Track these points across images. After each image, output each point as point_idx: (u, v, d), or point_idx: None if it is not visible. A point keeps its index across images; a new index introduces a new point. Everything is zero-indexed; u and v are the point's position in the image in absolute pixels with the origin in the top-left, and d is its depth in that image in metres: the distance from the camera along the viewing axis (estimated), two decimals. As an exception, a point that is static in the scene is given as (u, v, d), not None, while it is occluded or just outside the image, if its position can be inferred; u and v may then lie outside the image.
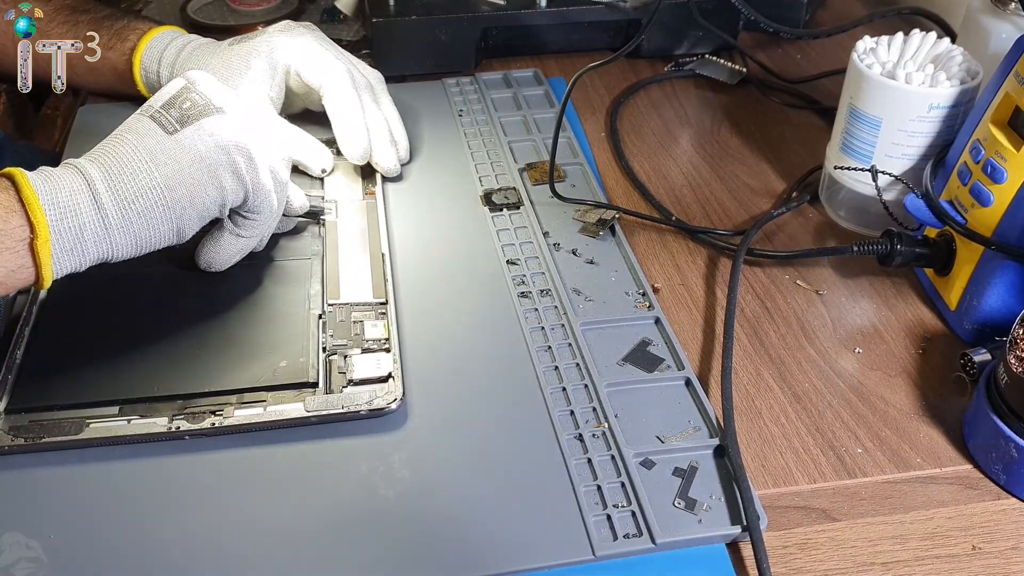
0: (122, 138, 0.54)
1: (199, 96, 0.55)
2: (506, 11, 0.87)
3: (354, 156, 0.70)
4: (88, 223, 0.51)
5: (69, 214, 0.50)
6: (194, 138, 0.54)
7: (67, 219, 0.50)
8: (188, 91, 0.55)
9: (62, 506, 0.49)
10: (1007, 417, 0.50)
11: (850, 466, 0.53)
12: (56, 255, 0.50)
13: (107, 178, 0.52)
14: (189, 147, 0.54)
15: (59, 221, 0.50)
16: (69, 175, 0.51)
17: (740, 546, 0.48)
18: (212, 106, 0.55)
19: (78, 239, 0.51)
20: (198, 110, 0.55)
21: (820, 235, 0.70)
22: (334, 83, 0.69)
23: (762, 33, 0.93)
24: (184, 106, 0.55)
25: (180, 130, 0.54)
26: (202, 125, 0.54)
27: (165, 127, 0.54)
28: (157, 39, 0.73)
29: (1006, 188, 0.56)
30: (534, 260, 0.65)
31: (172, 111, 0.54)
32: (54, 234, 0.50)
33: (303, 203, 0.65)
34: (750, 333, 0.61)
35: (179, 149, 0.53)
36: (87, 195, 0.51)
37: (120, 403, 0.53)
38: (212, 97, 0.55)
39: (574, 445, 0.52)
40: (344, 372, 0.55)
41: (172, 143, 0.53)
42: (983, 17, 0.72)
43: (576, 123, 0.83)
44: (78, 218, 0.51)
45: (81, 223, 0.51)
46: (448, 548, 0.47)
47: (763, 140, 0.81)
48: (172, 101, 0.55)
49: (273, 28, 0.71)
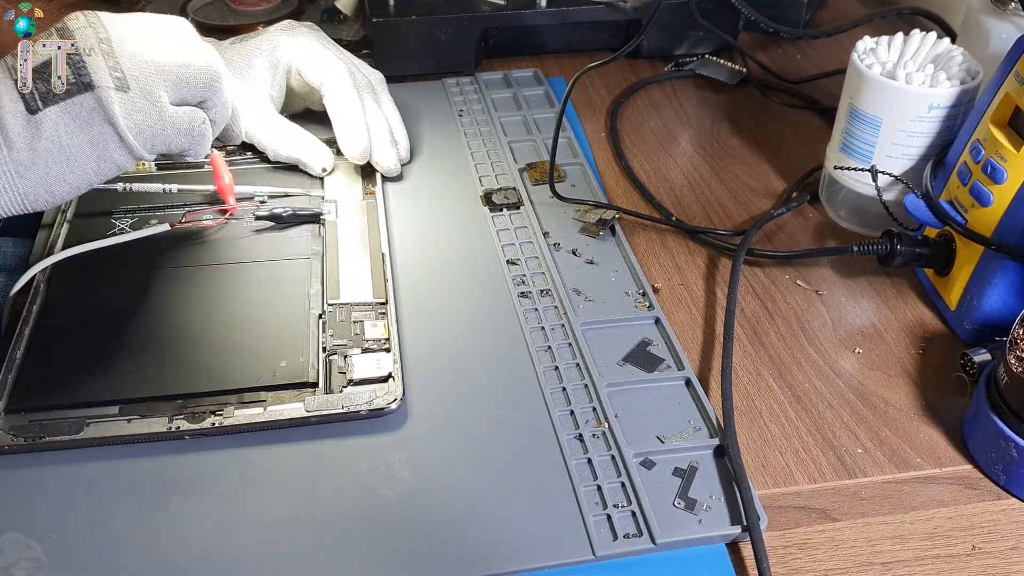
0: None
1: (71, 70, 0.49)
2: (506, 11, 0.87)
3: (354, 155, 0.70)
4: None
5: None
6: (56, 124, 0.49)
7: None
8: (62, 61, 0.49)
9: (62, 506, 0.49)
10: (1007, 417, 0.50)
11: (850, 466, 0.53)
12: None
13: None
14: (49, 133, 0.49)
15: None
16: None
17: (740, 546, 0.48)
18: (81, 83, 0.49)
19: None
20: (66, 89, 0.49)
21: (820, 235, 0.70)
22: (335, 82, 0.69)
23: (762, 33, 0.93)
24: (51, 80, 0.49)
25: (42, 110, 0.49)
26: (66, 108, 0.49)
27: (28, 103, 0.48)
28: None
29: (1006, 188, 0.56)
30: (534, 260, 0.65)
31: (39, 83, 0.49)
32: None
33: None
34: (750, 333, 0.61)
35: (37, 133, 0.48)
36: None
37: (120, 403, 0.53)
38: (83, 69, 0.49)
39: (574, 445, 0.52)
40: (344, 372, 0.55)
41: (31, 126, 0.48)
42: (983, 17, 0.72)
43: (576, 123, 0.83)
44: None
45: None
46: (448, 548, 0.47)
47: (763, 140, 0.81)
48: (42, 69, 0.49)
49: (275, 27, 0.71)
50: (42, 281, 0.60)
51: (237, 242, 0.65)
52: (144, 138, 0.52)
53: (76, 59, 0.50)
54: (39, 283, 0.60)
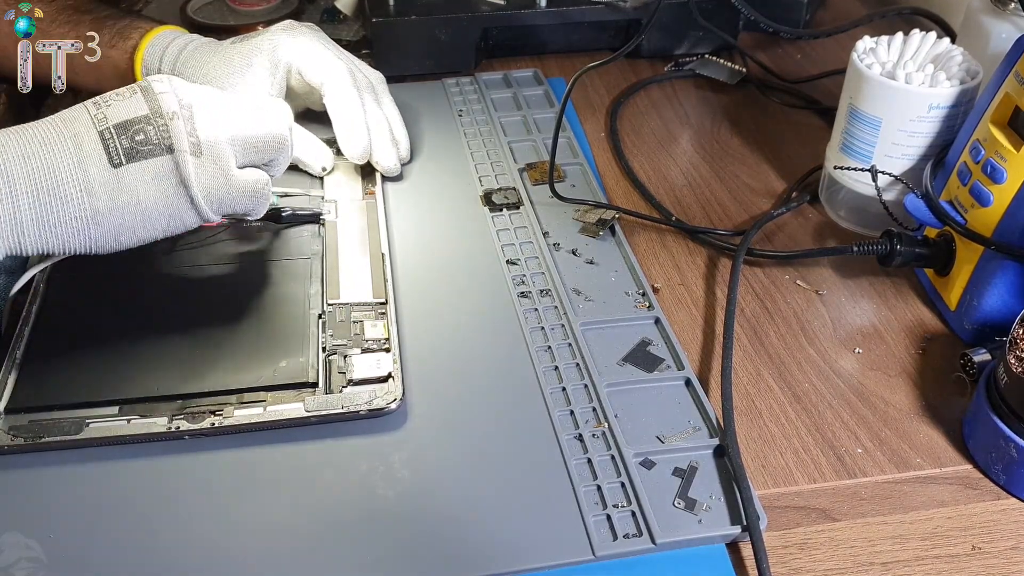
0: (64, 146, 0.50)
1: (155, 131, 0.52)
2: (506, 11, 0.87)
3: (354, 155, 0.70)
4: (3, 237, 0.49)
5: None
6: (136, 179, 0.51)
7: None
8: (147, 122, 0.52)
9: (62, 506, 0.49)
10: (1007, 417, 0.50)
11: (850, 466, 0.53)
12: None
13: (34, 194, 0.49)
14: (129, 187, 0.51)
15: None
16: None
17: (740, 546, 0.48)
18: (163, 145, 0.52)
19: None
20: (149, 148, 0.51)
21: (820, 235, 0.70)
22: (335, 82, 0.69)
23: (762, 33, 0.93)
24: (137, 138, 0.51)
25: (124, 165, 0.51)
26: (147, 167, 0.51)
27: (111, 156, 0.51)
28: (160, 38, 0.73)
29: (1006, 188, 0.56)
30: (534, 260, 0.65)
31: (123, 139, 0.51)
32: None
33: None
34: (750, 333, 0.61)
35: (118, 184, 0.51)
36: (8, 211, 0.49)
37: (120, 403, 0.53)
38: (165, 133, 0.52)
39: (574, 445, 0.52)
40: (344, 372, 0.55)
41: (113, 178, 0.51)
42: (983, 17, 0.72)
43: (576, 123, 0.83)
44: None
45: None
46: (448, 548, 0.47)
47: (763, 140, 0.81)
48: (127, 126, 0.51)
49: (275, 27, 0.71)
50: (42, 281, 0.60)
51: (237, 242, 0.65)
52: (212, 200, 0.54)
53: (161, 123, 0.52)
54: (39, 283, 0.60)
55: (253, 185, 0.56)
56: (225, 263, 0.63)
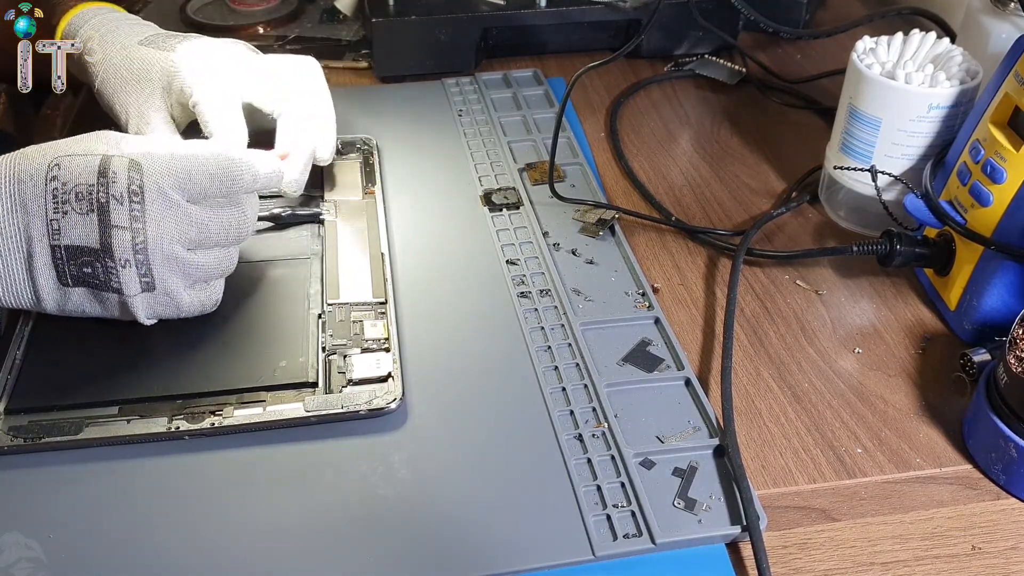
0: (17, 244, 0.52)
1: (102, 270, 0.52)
2: (506, 11, 0.87)
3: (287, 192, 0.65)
4: None
5: None
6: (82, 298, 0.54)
7: None
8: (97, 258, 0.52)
9: (62, 506, 0.49)
10: (1007, 417, 0.50)
11: (850, 466, 0.53)
12: None
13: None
14: (75, 303, 0.54)
15: None
16: None
17: (740, 546, 0.48)
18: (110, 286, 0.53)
19: None
20: (96, 283, 0.53)
21: (820, 235, 0.70)
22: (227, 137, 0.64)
23: (762, 33, 0.93)
24: (85, 270, 0.52)
25: (72, 287, 0.53)
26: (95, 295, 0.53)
27: (60, 276, 0.52)
28: (79, 16, 0.69)
29: (1006, 188, 0.56)
30: (534, 260, 0.65)
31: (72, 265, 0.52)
32: None
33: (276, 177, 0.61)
34: (750, 333, 0.61)
35: (65, 299, 0.54)
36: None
37: (119, 403, 0.53)
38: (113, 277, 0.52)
39: (574, 445, 0.52)
40: (344, 372, 0.55)
41: (60, 292, 0.53)
42: (983, 17, 0.72)
43: (576, 123, 0.83)
44: None
45: None
46: (448, 548, 0.47)
47: (763, 140, 0.81)
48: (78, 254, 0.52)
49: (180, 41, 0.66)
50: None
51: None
52: (160, 317, 0.56)
53: (111, 266, 0.52)
54: (39, 283, 0.60)
55: (200, 306, 0.57)
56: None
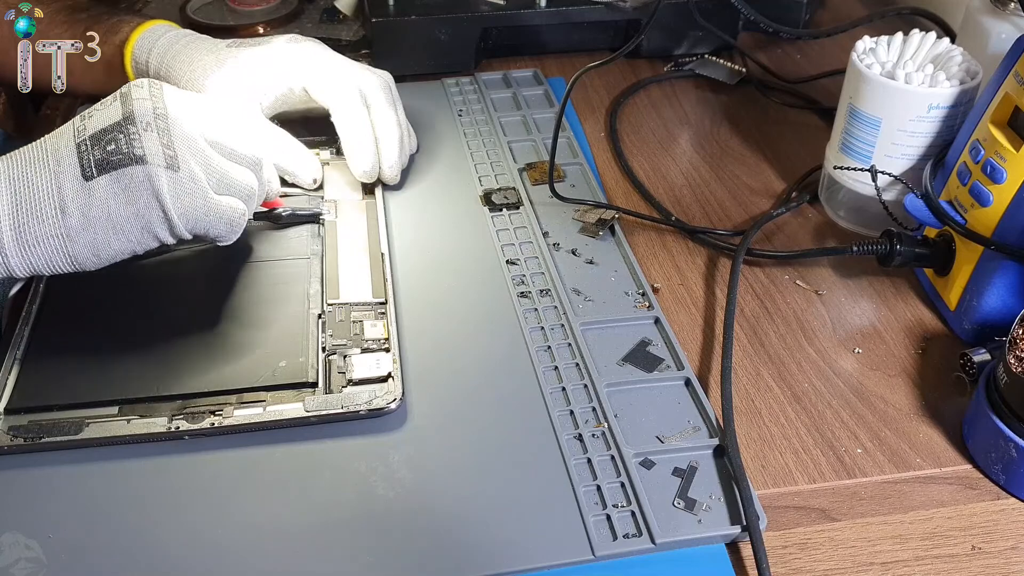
0: (45, 164, 0.51)
1: (125, 139, 0.51)
2: (506, 11, 0.87)
3: (361, 174, 0.69)
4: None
5: None
6: (106, 191, 0.51)
7: None
8: (118, 130, 0.51)
9: (61, 506, 0.49)
10: (1007, 417, 0.50)
11: (849, 466, 0.53)
12: None
13: (14, 213, 0.50)
14: (100, 200, 0.51)
15: None
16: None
17: (740, 546, 0.48)
18: (132, 155, 0.51)
19: None
20: (119, 157, 0.51)
21: (820, 235, 0.70)
22: (344, 101, 0.68)
23: (762, 33, 0.93)
24: (108, 147, 0.51)
25: (95, 177, 0.50)
26: (117, 178, 0.51)
27: (84, 168, 0.51)
28: (151, 31, 0.71)
29: (1006, 188, 0.56)
30: (534, 260, 0.65)
31: (96, 150, 0.51)
32: None
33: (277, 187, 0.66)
34: (750, 333, 0.61)
35: (90, 200, 0.51)
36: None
37: (119, 403, 0.53)
38: (136, 142, 0.51)
39: (574, 445, 0.52)
40: (344, 372, 0.55)
41: (84, 192, 0.50)
42: (983, 17, 0.72)
43: (576, 123, 0.83)
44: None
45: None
46: (448, 548, 0.47)
47: (763, 140, 0.81)
48: (101, 135, 0.51)
49: (280, 39, 0.70)
50: (42, 281, 0.60)
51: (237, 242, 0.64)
52: (187, 219, 0.53)
53: (132, 130, 0.51)
54: (39, 283, 0.60)
55: (230, 212, 0.55)
56: (225, 263, 0.63)
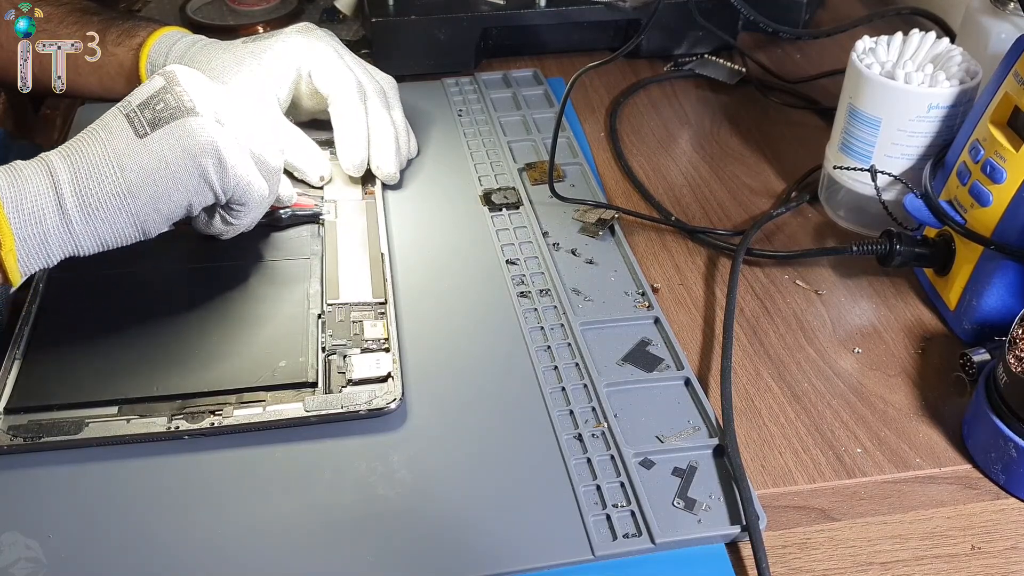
0: (95, 135, 0.53)
1: (173, 97, 0.54)
2: (506, 11, 0.87)
3: (350, 167, 0.70)
4: (52, 229, 0.51)
5: (33, 220, 0.50)
6: (162, 143, 0.53)
7: (31, 226, 0.50)
8: (164, 92, 0.55)
9: (61, 506, 0.49)
10: (1006, 417, 0.50)
11: (849, 466, 0.53)
12: (22, 260, 0.51)
13: (74, 180, 0.52)
14: (156, 152, 0.53)
15: (23, 228, 0.50)
16: (37, 176, 0.51)
17: (739, 546, 0.48)
18: (183, 108, 0.54)
19: (42, 244, 0.51)
20: (170, 112, 0.54)
21: (819, 235, 0.70)
22: (342, 92, 0.69)
23: (762, 33, 0.93)
24: (157, 107, 0.54)
25: (150, 133, 0.53)
26: (171, 130, 0.53)
27: (136, 129, 0.53)
28: (167, 36, 0.72)
29: (1005, 188, 0.56)
30: (533, 260, 0.65)
31: (146, 112, 0.54)
32: (19, 241, 0.50)
33: (290, 194, 0.67)
34: (749, 333, 0.61)
35: (147, 154, 0.53)
36: (52, 199, 0.51)
37: (119, 403, 0.53)
38: (184, 97, 0.54)
39: (573, 445, 0.52)
40: (343, 372, 0.55)
41: (140, 147, 0.53)
42: (982, 17, 0.72)
43: (576, 123, 0.83)
44: (42, 224, 0.51)
45: (45, 229, 0.51)
46: (447, 548, 0.47)
47: (763, 140, 0.81)
48: (148, 101, 0.54)
49: (291, 28, 0.71)
50: (42, 281, 0.60)
51: (237, 242, 0.65)
52: (235, 173, 0.56)
53: (179, 90, 0.55)
54: (39, 283, 0.60)
55: (259, 185, 0.58)
56: (225, 263, 0.63)
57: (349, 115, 0.69)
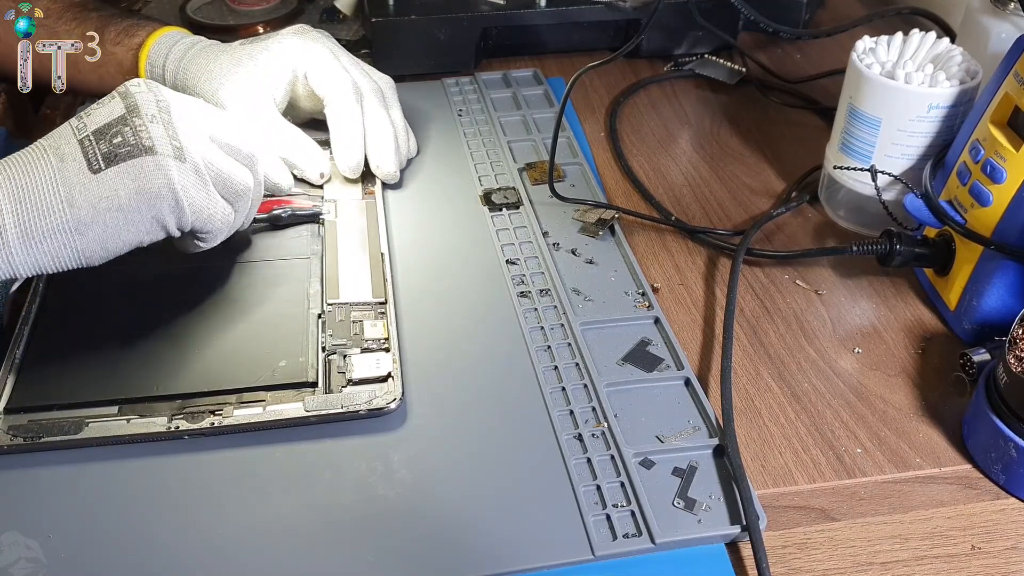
0: (46, 159, 0.51)
1: (131, 131, 0.51)
2: (506, 11, 0.87)
3: (345, 169, 0.70)
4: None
5: None
6: (116, 182, 0.51)
7: None
8: (123, 123, 0.52)
9: (61, 506, 0.49)
10: (1007, 417, 0.50)
11: (849, 466, 0.53)
12: None
13: (17, 211, 0.49)
14: (109, 191, 0.51)
15: None
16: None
17: (740, 546, 0.48)
18: (141, 146, 0.51)
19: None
20: (127, 149, 0.51)
21: (819, 235, 0.70)
22: (337, 94, 0.69)
23: (762, 33, 0.93)
24: (114, 140, 0.51)
25: (104, 169, 0.51)
26: (127, 168, 0.51)
27: (90, 161, 0.51)
28: (167, 36, 0.73)
29: (1005, 188, 0.56)
30: (533, 260, 0.65)
31: (102, 144, 0.51)
32: None
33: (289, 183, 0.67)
34: (749, 333, 0.61)
35: (98, 191, 0.50)
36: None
37: (119, 403, 0.53)
38: (143, 134, 0.52)
39: (573, 445, 0.52)
40: (343, 372, 0.55)
41: (93, 183, 0.50)
42: (982, 17, 0.72)
43: (576, 123, 0.83)
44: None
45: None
46: (447, 548, 0.47)
47: (763, 140, 0.81)
48: (105, 130, 0.52)
49: (287, 30, 0.71)
50: (42, 281, 0.60)
51: (236, 242, 0.65)
52: (194, 209, 0.54)
53: (138, 123, 0.52)
54: (39, 283, 0.60)
55: (223, 212, 0.56)
56: (225, 263, 0.63)
57: (345, 116, 0.69)
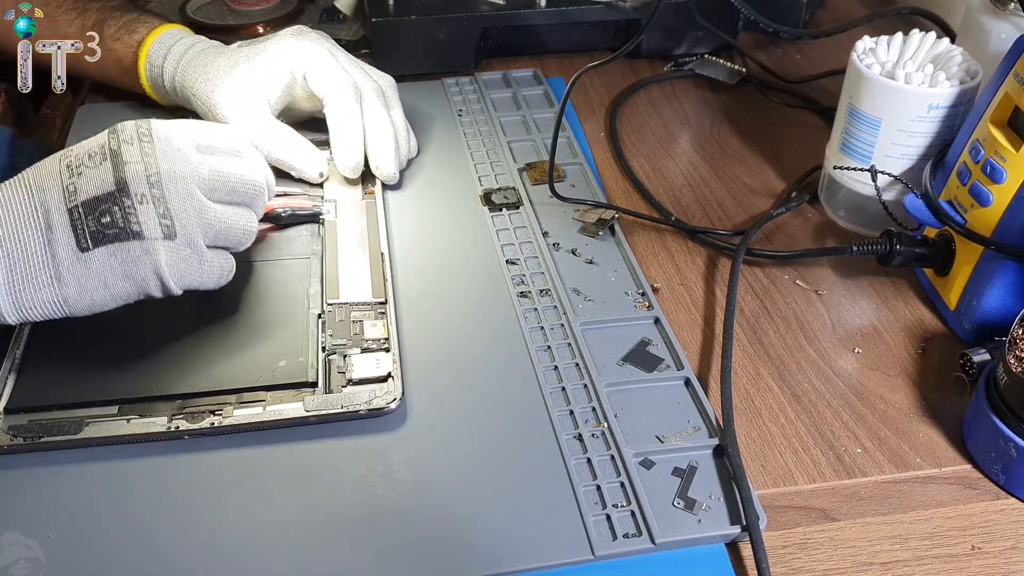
0: (35, 227, 0.51)
1: (120, 212, 0.51)
2: (506, 11, 0.87)
3: (345, 169, 0.70)
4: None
5: None
6: (103, 263, 0.51)
7: None
8: (112, 201, 0.51)
9: (61, 506, 0.49)
10: (1007, 417, 0.50)
11: (849, 466, 0.53)
12: None
13: (9, 280, 0.50)
14: (96, 271, 0.51)
15: None
16: None
17: (740, 546, 0.48)
18: (129, 230, 0.51)
19: None
20: (115, 232, 0.51)
21: (819, 235, 0.70)
22: (337, 94, 0.69)
23: (762, 33, 0.93)
24: (103, 220, 0.51)
25: (91, 249, 0.51)
26: (114, 251, 0.51)
27: (79, 238, 0.51)
28: (166, 35, 0.72)
29: (1005, 188, 0.56)
30: (533, 260, 0.65)
31: (90, 220, 0.51)
32: None
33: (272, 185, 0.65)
34: (749, 333, 0.61)
35: (86, 271, 0.51)
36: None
37: (119, 403, 0.53)
38: (132, 217, 0.51)
39: (573, 445, 0.52)
40: (343, 372, 0.55)
41: (80, 263, 0.51)
42: (982, 17, 0.72)
43: (576, 123, 0.83)
44: None
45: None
46: (447, 548, 0.47)
47: (763, 140, 0.81)
48: (95, 205, 0.51)
49: (285, 32, 0.71)
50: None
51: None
52: (183, 282, 0.54)
53: (127, 204, 0.51)
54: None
55: (220, 269, 0.56)
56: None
57: (344, 116, 0.69)
